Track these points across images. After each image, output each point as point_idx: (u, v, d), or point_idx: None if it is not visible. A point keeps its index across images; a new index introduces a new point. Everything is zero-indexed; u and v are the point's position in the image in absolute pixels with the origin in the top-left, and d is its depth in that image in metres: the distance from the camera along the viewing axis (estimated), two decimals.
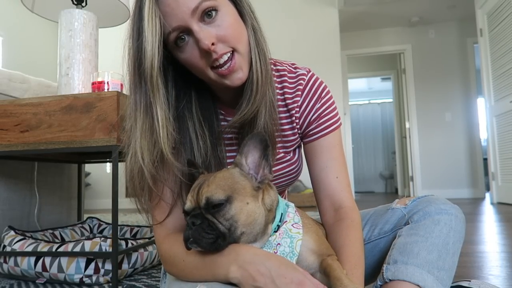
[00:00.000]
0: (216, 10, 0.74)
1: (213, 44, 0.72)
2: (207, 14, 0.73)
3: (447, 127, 6.15)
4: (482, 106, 5.30)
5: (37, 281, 1.52)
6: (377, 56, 7.17)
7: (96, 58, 1.72)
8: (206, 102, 0.86)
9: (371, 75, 7.88)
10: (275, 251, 0.69)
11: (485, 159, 5.41)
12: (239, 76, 0.77)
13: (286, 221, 0.72)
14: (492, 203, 4.73)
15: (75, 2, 1.75)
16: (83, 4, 1.77)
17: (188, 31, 0.73)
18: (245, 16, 0.80)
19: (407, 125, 6.45)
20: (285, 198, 1.06)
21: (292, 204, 0.77)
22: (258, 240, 0.70)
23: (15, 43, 5.20)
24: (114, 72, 1.57)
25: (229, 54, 0.75)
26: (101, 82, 1.55)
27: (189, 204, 0.69)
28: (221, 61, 0.74)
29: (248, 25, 0.80)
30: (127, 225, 2.06)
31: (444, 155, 6.12)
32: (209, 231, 0.65)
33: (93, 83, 1.57)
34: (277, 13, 5.47)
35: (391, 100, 8.24)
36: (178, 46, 0.75)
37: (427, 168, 6.17)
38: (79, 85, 1.62)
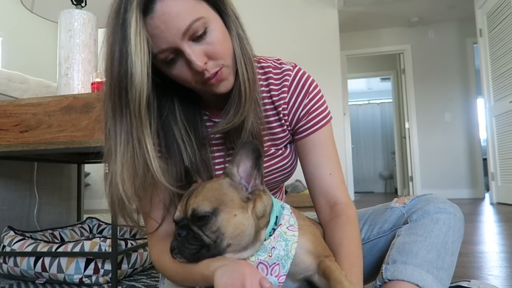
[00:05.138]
0: (205, 27, 0.71)
1: (205, 63, 0.72)
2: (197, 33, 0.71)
3: (446, 127, 6.15)
4: (481, 106, 5.31)
5: (36, 281, 1.52)
6: (377, 57, 7.16)
7: (96, 58, 1.72)
8: (190, 106, 0.85)
9: (370, 75, 7.88)
10: (270, 255, 0.68)
11: (485, 159, 5.41)
12: (225, 84, 0.77)
13: (281, 224, 0.71)
14: (491, 203, 4.73)
15: (75, 2, 1.75)
16: (83, 4, 1.77)
17: (178, 51, 0.71)
18: (230, 24, 0.78)
19: (406, 125, 6.45)
20: (282, 196, 1.06)
21: (287, 206, 0.76)
22: (249, 248, 0.68)
23: (15, 43, 5.20)
24: None
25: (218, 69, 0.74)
26: (101, 83, 1.55)
27: (178, 214, 0.69)
28: (211, 76, 0.74)
29: (233, 33, 0.78)
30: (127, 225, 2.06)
31: (444, 155, 6.12)
32: (193, 242, 0.65)
33: (92, 83, 1.57)
34: (277, 13, 5.48)
35: (390, 100, 8.24)
36: (168, 63, 0.73)
37: (427, 168, 6.17)
38: (78, 85, 1.62)
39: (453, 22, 6.22)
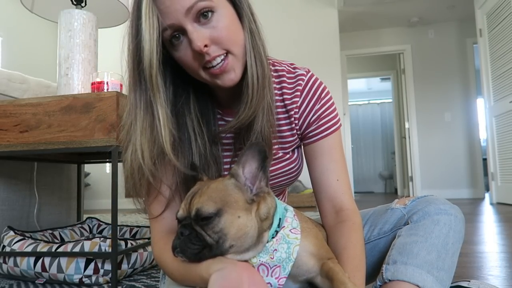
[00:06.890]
0: (212, 11, 0.73)
1: (206, 46, 0.72)
2: (203, 15, 0.72)
3: (446, 128, 6.15)
4: (481, 107, 5.31)
5: (36, 281, 1.52)
6: (377, 57, 7.17)
7: (96, 58, 1.72)
8: (204, 100, 0.86)
9: (370, 75, 7.88)
10: (272, 257, 0.68)
11: (485, 159, 5.41)
12: (231, 77, 0.77)
13: (284, 226, 0.71)
14: (491, 203, 4.73)
15: (75, 2, 1.75)
16: (83, 4, 1.77)
17: (182, 30, 0.73)
18: (243, 18, 0.79)
19: (406, 125, 6.45)
20: (285, 199, 1.06)
21: (291, 208, 0.76)
22: (252, 250, 0.68)
23: (15, 43, 5.19)
24: (114, 72, 1.57)
25: (222, 57, 0.75)
26: (101, 83, 1.55)
27: (181, 212, 0.69)
28: (214, 63, 0.74)
29: (246, 27, 0.79)
30: (127, 225, 2.06)
31: (444, 155, 6.12)
32: (195, 242, 0.65)
33: (92, 83, 1.57)
34: (277, 13, 5.48)
35: (390, 100, 8.24)
36: (173, 44, 0.75)
37: (427, 168, 6.17)
38: (78, 85, 1.62)
39: (453, 22, 6.22)
